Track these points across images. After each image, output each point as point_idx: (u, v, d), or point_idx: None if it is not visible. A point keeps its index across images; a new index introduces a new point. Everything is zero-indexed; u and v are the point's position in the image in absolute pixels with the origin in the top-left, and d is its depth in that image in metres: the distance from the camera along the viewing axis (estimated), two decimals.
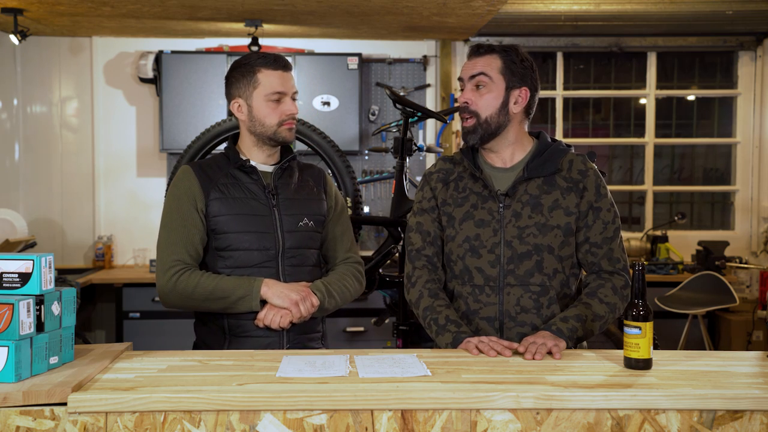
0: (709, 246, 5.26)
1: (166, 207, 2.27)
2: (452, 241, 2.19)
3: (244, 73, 2.26)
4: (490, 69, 2.12)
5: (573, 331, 2.04)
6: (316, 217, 2.34)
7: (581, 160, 2.19)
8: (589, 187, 2.15)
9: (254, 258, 2.23)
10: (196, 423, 1.59)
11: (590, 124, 6.03)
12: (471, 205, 2.17)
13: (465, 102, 2.14)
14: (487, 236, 2.13)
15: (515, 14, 4.97)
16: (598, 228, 2.14)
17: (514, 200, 2.14)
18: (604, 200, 2.16)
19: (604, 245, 2.14)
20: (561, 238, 2.12)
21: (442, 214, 2.22)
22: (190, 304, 2.20)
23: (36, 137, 5.51)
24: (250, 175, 2.28)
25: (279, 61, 2.26)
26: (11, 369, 1.63)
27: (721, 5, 4.89)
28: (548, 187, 2.14)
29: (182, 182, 2.26)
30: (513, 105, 2.13)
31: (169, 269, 2.19)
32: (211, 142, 4.09)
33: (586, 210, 2.14)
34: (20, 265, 1.72)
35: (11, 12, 4.60)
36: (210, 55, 5.29)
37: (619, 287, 2.12)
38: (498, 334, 2.12)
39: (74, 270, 5.13)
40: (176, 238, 2.22)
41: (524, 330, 2.11)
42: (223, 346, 2.24)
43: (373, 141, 5.57)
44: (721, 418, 1.62)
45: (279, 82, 2.24)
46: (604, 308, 2.09)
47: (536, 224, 2.11)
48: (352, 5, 4.43)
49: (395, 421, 1.61)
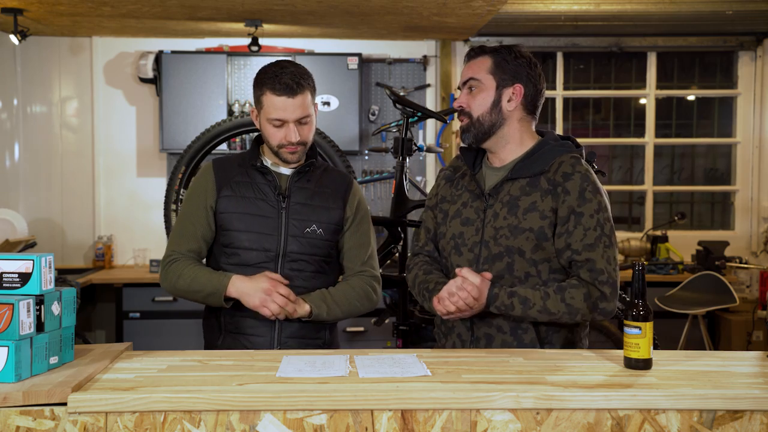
0: (709, 246, 5.26)
1: (184, 199, 2.37)
2: (443, 237, 2.22)
3: (256, 88, 2.27)
4: (479, 71, 2.13)
5: (508, 308, 2.02)
6: (327, 226, 2.31)
7: (571, 163, 2.09)
8: (571, 190, 2.04)
9: (253, 258, 2.24)
10: (196, 423, 1.59)
11: (590, 124, 6.03)
12: (462, 203, 2.19)
13: (459, 105, 2.16)
14: (469, 234, 2.14)
15: (515, 14, 4.97)
16: (579, 234, 2.03)
17: (496, 200, 2.13)
18: (587, 205, 2.04)
19: (584, 252, 2.02)
20: (533, 242, 2.05)
21: (439, 211, 2.25)
22: (177, 293, 2.29)
23: (36, 137, 5.51)
24: (265, 176, 2.30)
25: (285, 85, 2.18)
26: (11, 369, 1.63)
27: (721, 5, 4.88)
28: (530, 188, 2.09)
29: (200, 178, 2.35)
30: (506, 103, 2.12)
31: (164, 259, 2.30)
32: (211, 142, 4.09)
33: (566, 215, 2.04)
34: (20, 265, 1.72)
35: (11, 12, 4.60)
36: (210, 55, 5.29)
37: (594, 297, 2.02)
38: (469, 332, 2.14)
39: (74, 270, 5.13)
40: (178, 231, 2.32)
41: (490, 331, 2.11)
42: (218, 341, 2.29)
43: (373, 141, 5.57)
44: (721, 418, 1.62)
45: (280, 108, 2.20)
46: (561, 307, 2.01)
47: (509, 226, 2.08)
48: (352, 5, 4.43)
49: (395, 421, 1.61)
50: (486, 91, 2.12)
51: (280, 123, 2.22)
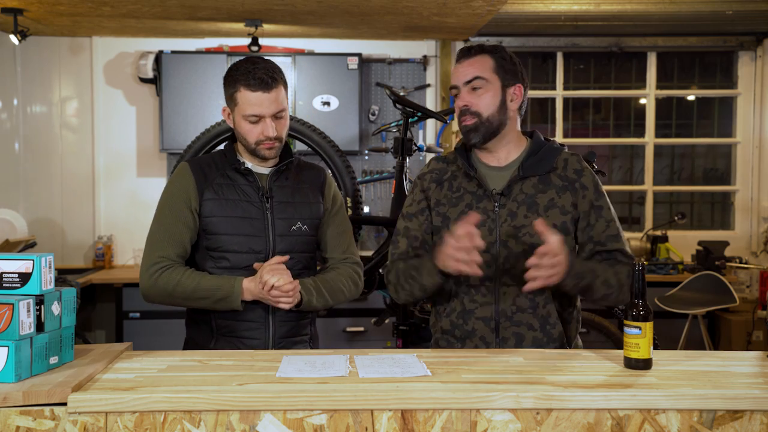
0: (709, 246, 5.26)
1: (161, 202, 2.28)
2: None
3: (228, 86, 2.25)
4: (484, 70, 2.11)
5: (581, 276, 2.01)
6: (311, 221, 2.32)
7: (576, 159, 2.19)
8: (588, 186, 2.14)
9: (243, 260, 2.23)
10: (196, 423, 1.59)
11: (590, 124, 6.03)
12: (466, 204, 2.16)
13: (465, 105, 2.12)
14: (482, 236, 2.11)
15: (515, 14, 4.97)
16: (601, 227, 2.13)
17: (509, 199, 2.13)
18: (603, 199, 2.15)
19: (609, 243, 2.12)
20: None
21: (435, 215, 2.20)
22: (170, 301, 2.22)
23: (36, 137, 5.51)
24: (246, 177, 2.28)
25: (259, 80, 2.17)
26: (11, 369, 1.63)
27: (721, 5, 4.88)
28: (543, 186, 2.13)
29: (178, 180, 2.27)
30: (510, 103, 2.14)
31: (152, 266, 2.21)
32: (211, 142, 4.09)
33: (587, 209, 2.13)
34: (20, 265, 1.72)
35: (11, 12, 4.59)
36: (210, 55, 5.29)
37: (630, 275, 2.04)
38: (494, 334, 2.12)
39: (74, 270, 5.13)
40: (164, 235, 2.23)
41: (520, 330, 2.10)
42: (209, 344, 2.26)
43: (373, 141, 5.57)
44: (721, 418, 1.62)
45: (256, 104, 2.19)
46: (616, 281, 2.05)
47: (532, 224, 2.09)
48: (352, 5, 4.43)
49: (395, 421, 1.61)
50: (492, 90, 2.12)
51: (256, 119, 2.20)
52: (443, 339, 2.21)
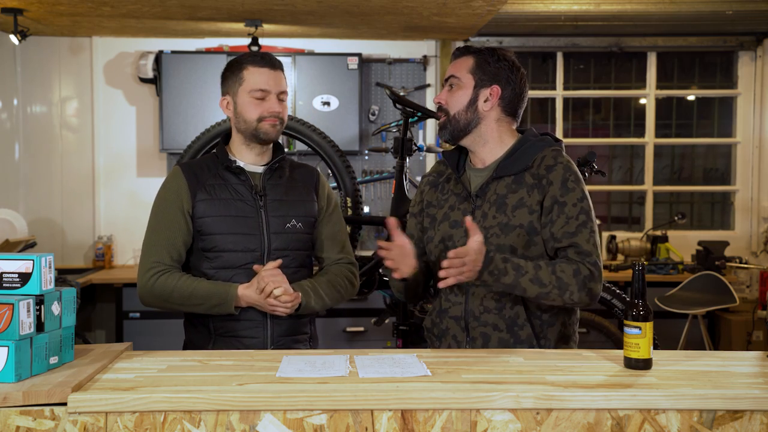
0: (709, 246, 5.26)
1: (154, 207, 2.30)
2: (431, 241, 2.22)
3: (233, 71, 2.29)
4: (460, 70, 2.16)
5: (501, 272, 1.98)
6: (305, 219, 2.33)
7: (553, 155, 2.13)
8: (554, 181, 2.08)
9: (239, 259, 2.24)
10: (196, 423, 1.59)
11: (590, 124, 6.02)
12: (449, 206, 2.20)
13: (438, 102, 2.19)
14: (458, 237, 2.14)
15: (515, 14, 4.97)
16: (561, 223, 2.06)
17: (484, 201, 2.14)
18: (570, 194, 2.07)
19: (568, 239, 2.04)
20: (525, 238, 2.07)
21: (425, 216, 2.26)
22: (167, 306, 2.24)
23: (36, 137, 5.51)
24: (238, 176, 2.29)
25: (267, 59, 2.28)
26: (11, 369, 1.63)
27: (721, 5, 4.88)
28: (516, 185, 2.12)
29: (171, 183, 2.29)
30: (483, 103, 2.14)
31: (149, 270, 2.22)
32: (211, 142, 4.08)
33: (550, 205, 2.07)
34: (20, 265, 1.72)
35: (11, 12, 4.59)
36: (210, 55, 5.29)
37: (583, 275, 2.01)
38: (464, 333, 2.14)
39: (74, 270, 5.13)
40: (159, 240, 2.24)
41: (486, 330, 2.11)
42: (208, 345, 2.27)
43: (373, 141, 5.57)
44: (721, 418, 1.62)
45: (263, 79, 2.25)
46: (552, 279, 2.00)
47: (499, 224, 2.09)
48: (352, 5, 4.43)
49: (395, 421, 1.61)
50: (464, 89, 2.14)
51: (263, 95, 2.24)
52: (428, 337, 2.28)
